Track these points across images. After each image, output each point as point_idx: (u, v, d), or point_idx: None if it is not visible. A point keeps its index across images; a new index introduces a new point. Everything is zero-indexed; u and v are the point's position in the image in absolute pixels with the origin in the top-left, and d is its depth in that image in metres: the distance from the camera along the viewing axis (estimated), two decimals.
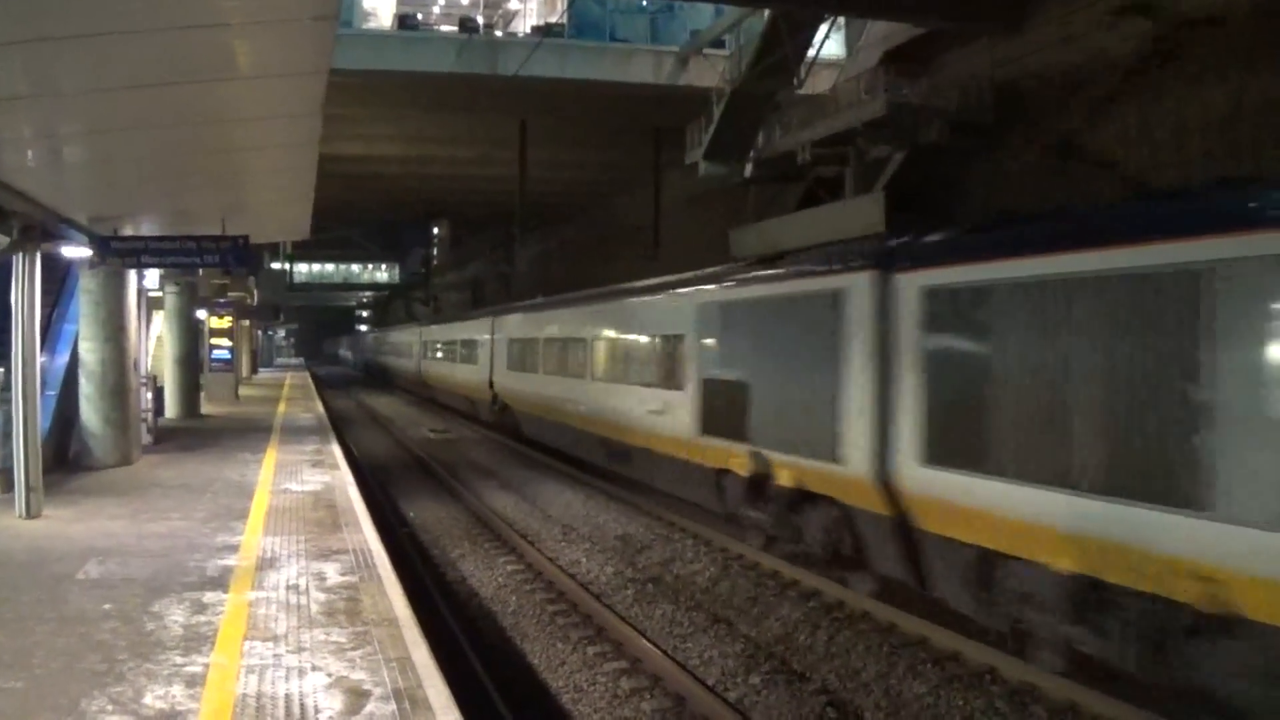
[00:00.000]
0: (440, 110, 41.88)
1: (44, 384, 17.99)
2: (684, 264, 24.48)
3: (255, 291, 51.67)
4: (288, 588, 10.96)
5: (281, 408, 38.53)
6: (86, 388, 19.95)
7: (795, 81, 32.43)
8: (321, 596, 10.58)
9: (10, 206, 14.18)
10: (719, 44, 37.04)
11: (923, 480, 12.51)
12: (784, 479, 15.77)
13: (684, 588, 16.20)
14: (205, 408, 34.98)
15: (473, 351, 43.34)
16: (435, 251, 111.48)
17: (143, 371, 23.38)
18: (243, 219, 20.44)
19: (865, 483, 13.54)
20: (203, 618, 9.75)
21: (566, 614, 14.70)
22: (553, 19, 38.41)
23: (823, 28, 31.75)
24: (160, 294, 30.07)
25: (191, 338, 33.34)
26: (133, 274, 20.69)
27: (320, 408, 39.40)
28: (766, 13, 31.01)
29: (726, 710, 10.68)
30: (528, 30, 39.15)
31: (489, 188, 58.12)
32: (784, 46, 30.79)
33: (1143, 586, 9.47)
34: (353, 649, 8.83)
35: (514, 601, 15.50)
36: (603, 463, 25.85)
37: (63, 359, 20.70)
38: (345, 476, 19.77)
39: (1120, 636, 9.97)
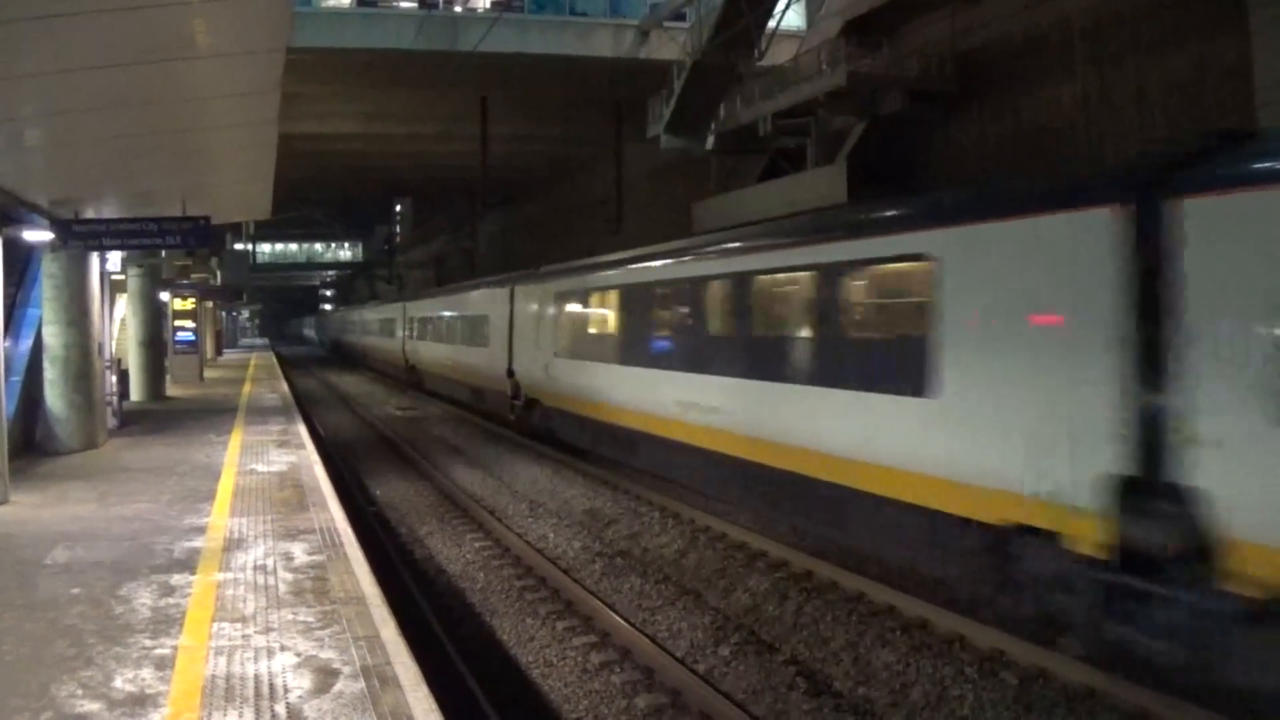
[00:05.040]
0: (400, 87, 41.75)
1: (8, 369, 17.91)
2: (647, 237, 24.44)
3: (218, 272, 51.35)
4: (255, 568, 10.95)
5: (247, 388, 38.35)
6: (51, 372, 19.84)
7: (756, 53, 32.52)
8: (289, 576, 10.58)
9: None
10: (679, 16, 37.00)
11: None
12: None
13: (652, 561, 16.26)
14: (170, 390, 34.79)
15: (481, 330, 34.75)
16: (398, 229, 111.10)
17: (107, 355, 23.24)
18: (204, 200, 20.35)
19: None
20: (171, 600, 9.73)
21: (535, 589, 14.74)
22: None
23: None
24: (123, 277, 29.85)
25: (155, 320, 33.11)
26: (95, 257, 20.56)
27: (285, 388, 39.22)
28: None
29: (696, 682, 10.74)
30: (487, 5, 38.92)
31: (451, 164, 57.99)
32: (744, 18, 30.85)
33: None
34: (321, 628, 8.83)
35: (482, 578, 15.52)
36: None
37: (26, 344, 20.56)
38: (311, 456, 19.73)
39: None
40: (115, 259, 25.44)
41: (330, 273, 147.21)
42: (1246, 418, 8.47)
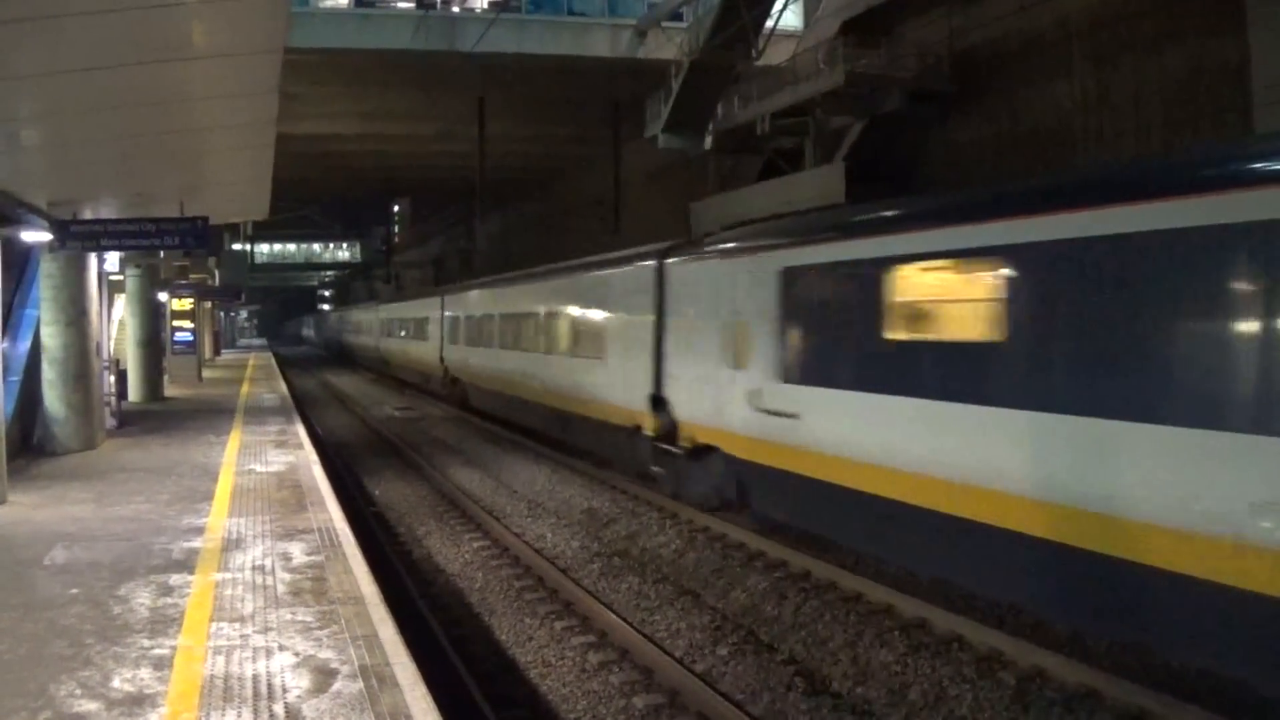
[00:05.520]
0: (398, 87, 41.78)
1: (6, 370, 17.92)
2: (645, 237, 24.38)
3: (216, 273, 51.39)
4: (253, 568, 10.95)
5: (245, 389, 38.35)
6: (49, 373, 19.84)
7: (754, 53, 32.48)
8: (287, 576, 10.59)
9: None
10: (677, 16, 37.05)
11: None
12: None
13: (650, 560, 16.26)
14: (169, 390, 34.77)
15: (594, 336, 23.99)
16: (396, 229, 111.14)
17: (105, 355, 23.25)
18: (202, 200, 20.33)
19: None
20: (169, 600, 9.74)
21: (533, 589, 14.74)
22: None
23: None
24: (121, 277, 29.85)
25: (153, 320, 33.10)
26: (93, 257, 20.55)
27: (284, 388, 39.22)
28: None
29: (694, 682, 10.75)
30: (485, 5, 38.93)
31: (449, 164, 57.99)
32: (742, 18, 30.82)
33: None
34: (319, 628, 8.84)
35: (481, 578, 15.53)
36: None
37: (24, 344, 20.55)
38: (309, 456, 19.73)
39: None
40: (113, 259, 25.45)
41: (328, 273, 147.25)
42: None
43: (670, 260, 19.64)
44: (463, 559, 16.74)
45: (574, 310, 25.83)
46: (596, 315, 23.98)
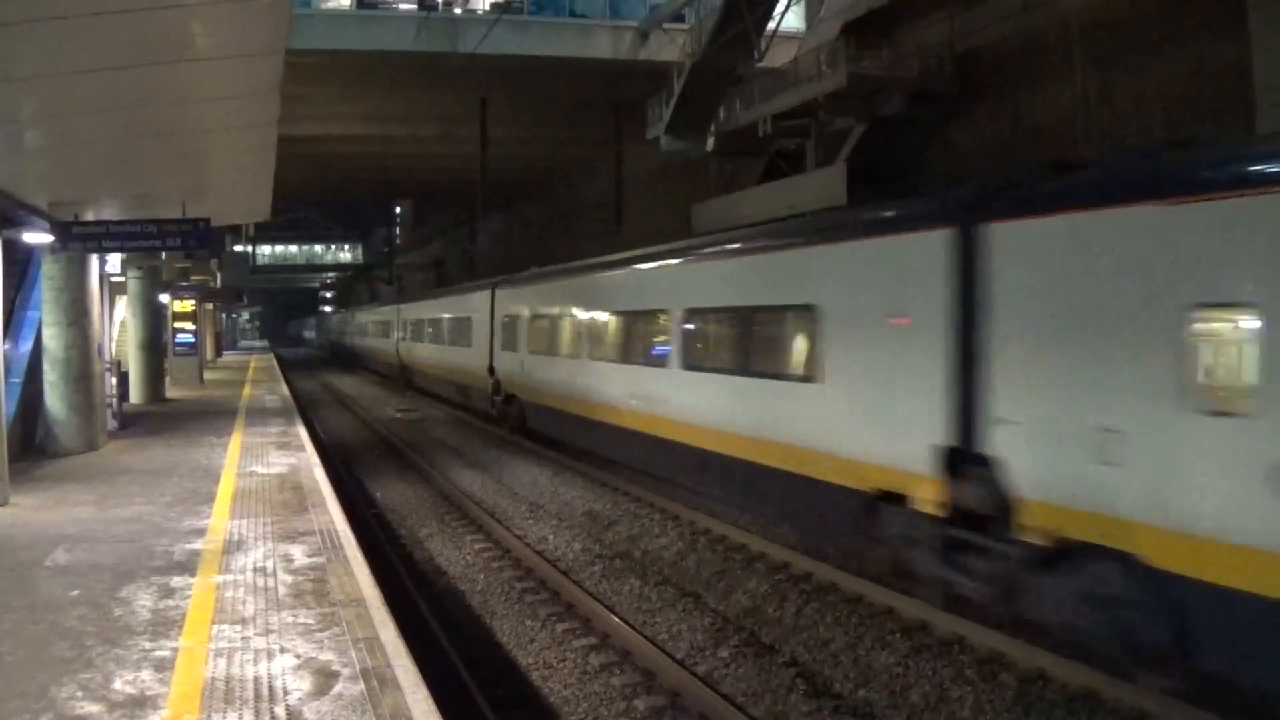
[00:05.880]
0: (400, 89, 41.77)
1: (8, 371, 17.92)
2: (647, 238, 24.33)
3: (218, 274, 51.39)
4: (255, 570, 10.95)
5: (247, 390, 38.33)
6: (51, 374, 19.83)
7: (756, 55, 32.54)
8: (289, 578, 10.58)
9: None
10: (679, 18, 37.02)
11: None
12: None
13: (651, 562, 16.25)
14: (170, 392, 34.76)
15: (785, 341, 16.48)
16: (398, 231, 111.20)
17: (107, 357, 23.24)
18: (203, 201, 20.36)
19: None
20: (170, 602, 9.73)
21: (535, 591, 14.73)
22: None
23: (782, 0, 31.79)
24: (123, 278, 29.88)
25: (155, 322, 33.11)
26: (95, 259, 20.54)
27: (285, 390, 39.19)
28: None
29: (696, 684, 10.74)
30: (487, 6, 38.94)
31: (450, 166, 58.07)
32: (744, 20, 30.86)
33: None
34: (320, 630, 8.83)
35: (482, 580, 15.51)
36: None
37: (26, 346, 20.57)
38: (311, 458, 19.72)
39: None
40: (115, 261, 25.46)
41: (330, 275, 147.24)
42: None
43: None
44: (464, 561, 16.73)
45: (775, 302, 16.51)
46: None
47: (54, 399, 19.95)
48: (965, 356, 11.73)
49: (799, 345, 15.46)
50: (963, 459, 11.74)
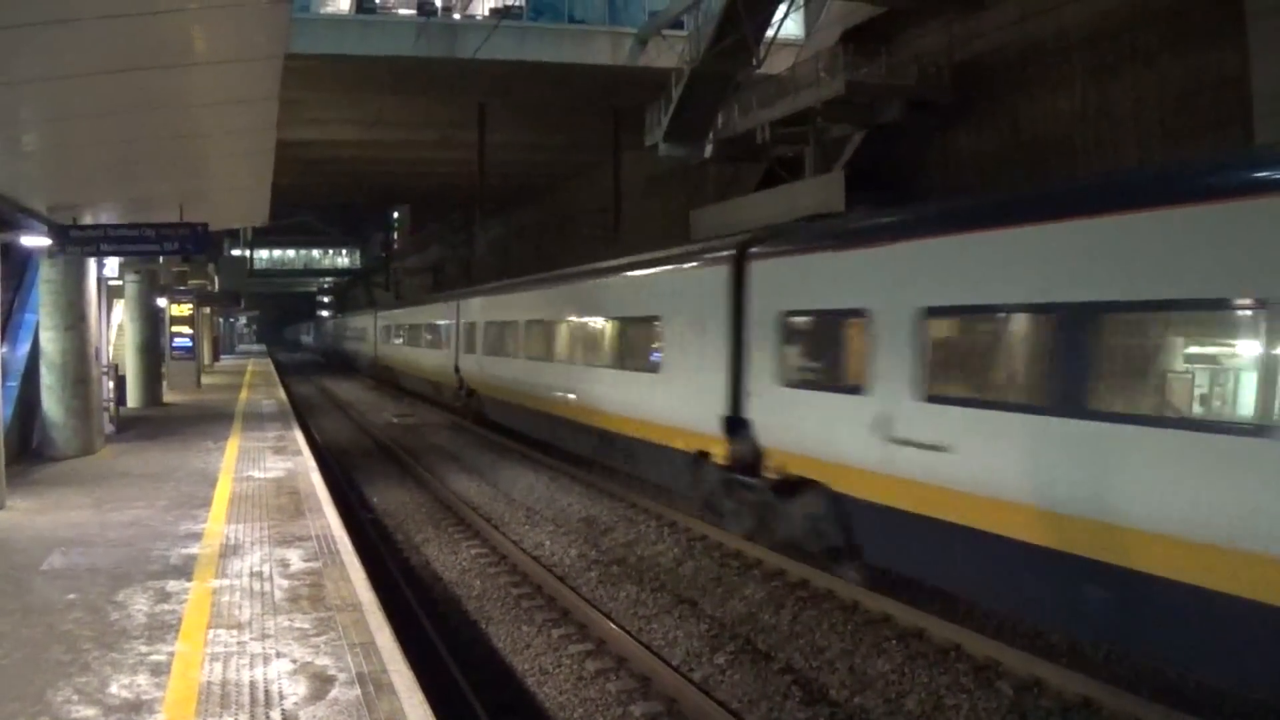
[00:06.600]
0: (399, 94, 41.78)
1: (5, 375, 17.95)
2: (645, 245, 24.36)
3: (216, 278, 51.34)
4: (251, 575, 10.95)
5: (244, 394, 38.33)
6: (48, 378, 19.83)
7: (754, 61, 32.54)
8: (285, 583, 10.58)
9: None
10: (678, 25, 37.02)
11: None
12: None
13: (648, 569, 16.25)
14: (167, 396, 34.75)
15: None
16: (395, 236, 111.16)
17: (104, 360, 23.25)
18: (201, 205, 20.35)
19: None
20: (167, 606, 9.73)
21: (531, 597, 14.73)
22: (511, 0, 38.32)
23: (781, 7, 31.83)
24: (121, 282, 29.89)
25: (152, 326, 33.13)
26: (92, 263, 20.54)
27: (282, 394, 39.19)
28: None
29: (692, 690, 10.74)
30: (486, 12, 38.97)
31: (449, 171, 58.07)
32: (742, 26, 30.85)
33: None
34: (317, 635, 8.84)
35: (478, 585, 15.51)
36: None
37: (24, 349, 20.56)
38: (308, 462, 19.73)
39: None
40: (113, 265, 25.45)
41: (327, 279, 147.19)
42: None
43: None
44: (460, 566, 16.72)
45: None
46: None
47: (51, 403, 19.94)
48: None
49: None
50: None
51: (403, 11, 38.38)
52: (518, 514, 20.60)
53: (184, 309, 41.47)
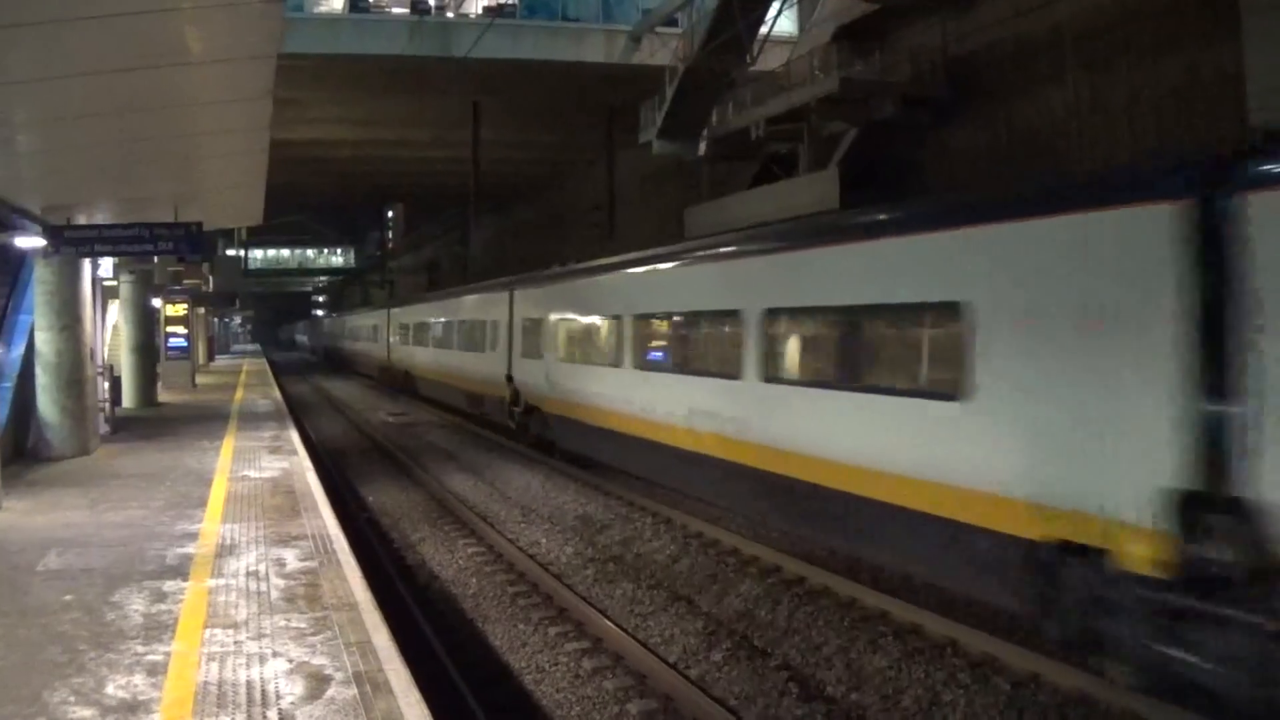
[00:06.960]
0: (393, 93, 41.74)
1: (0, 376, 17.89)
2: (640, 242, 24.25)
3: (210, 278, 51.27)
4: (247, 574, 10.95)
5: (239, 394, 38.32)
6: (43, 378, 19.81)
7: (748, 59, 32.47)
8: (281, 583, 10.58)
9: None
10: (672, 22, 36.99)
11: None
12: None
13: (644, 566, 16.25)
14: (162, 396, 34.69)
15: None
16: (390, 235, 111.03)
17: (99, 361, 23.23)
18: (195, 205, 20.35)
19: None
20: (163, 606, 9.73)
21: (527, 595, 14.73)
22: None
23: (775, 4, 31.80)
24: (115, 283, 29.88)
25: (147, 326, 33.10)
26: (87, 263, 20.54)
27: (278, 394, 39.19)
28: None
29: (688, 687, 10.75)
30: (479, 11, 38.93)
31: (443, 170, 57.94)
32: (736, 24, 30.80)
33: None
34: (313, 634, 8.84)
35: (475, 583, 15.51)
36: None
37: (19, 350, 20.55)
38: (304, 462, 19.72)
39: None
40: (107, 265, 25.45)
41: (323, 279, 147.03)
42: None
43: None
44: (457, 565, 16.72)
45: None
46: None
47: (46, 403, 19.93)
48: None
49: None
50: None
51: (396, 10, 38.33)
52: (513, 512, 20.60)
53: (179, 309, 41.47)
